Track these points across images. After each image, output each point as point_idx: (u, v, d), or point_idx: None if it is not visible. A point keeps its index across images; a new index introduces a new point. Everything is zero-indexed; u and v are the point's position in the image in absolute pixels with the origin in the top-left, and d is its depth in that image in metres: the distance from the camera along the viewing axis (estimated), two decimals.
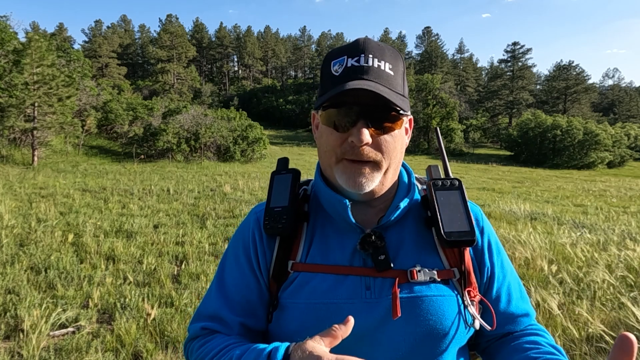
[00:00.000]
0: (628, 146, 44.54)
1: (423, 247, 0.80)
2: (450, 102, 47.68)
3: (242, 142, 28.08)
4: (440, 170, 0.86)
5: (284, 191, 0.84)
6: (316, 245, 0.81)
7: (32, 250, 5.25)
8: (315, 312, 0.75)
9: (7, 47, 19.88)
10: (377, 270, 0.76)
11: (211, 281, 0.92)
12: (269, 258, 0.83)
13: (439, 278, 0.76)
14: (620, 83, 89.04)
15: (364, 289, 0.75)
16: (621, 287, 3.43)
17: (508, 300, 0.83)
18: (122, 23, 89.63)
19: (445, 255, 0.79)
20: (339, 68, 0.75)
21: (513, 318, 0.83)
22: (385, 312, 0.73)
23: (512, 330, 0.83)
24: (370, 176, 0.75)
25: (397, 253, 0.78)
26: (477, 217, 0.86)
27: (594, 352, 2.59)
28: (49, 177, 15.21)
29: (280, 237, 0.82)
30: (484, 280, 0.82)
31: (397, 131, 0.76)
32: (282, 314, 0.78)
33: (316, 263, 0.79)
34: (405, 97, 0.77)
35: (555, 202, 13.20)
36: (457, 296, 0.77)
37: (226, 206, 9.41)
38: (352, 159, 0.74)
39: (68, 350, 2.91)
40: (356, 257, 0.78)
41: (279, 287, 0.80)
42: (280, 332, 0.79)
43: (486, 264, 0.83)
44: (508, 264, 0.87)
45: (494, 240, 0.87)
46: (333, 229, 0.82)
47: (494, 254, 0.84)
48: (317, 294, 0.76)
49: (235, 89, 77.65)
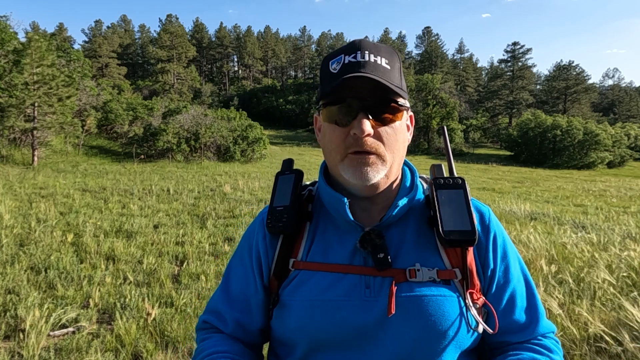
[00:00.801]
0: (628, 146, 44.54)
1: (424, 246, 0.79)
2: (450, 102, 47.68)
3: (242, 142, 28.08)
4: (445, 169, 0.85)
5: (286, 191, 0.86)
6: (317, 243, 0.82)
7: (32, 250, 5.25)
8: (313, 309, 0.76)
9: (7, 47, 19.87)
10: (377, 269, 0.76)
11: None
12: (271, 256, 0.85)
13: (439, 278, 0.76)
14: (620, 83, 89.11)
15: (363, 287, 0.76)
16: (621, 287, 3.43)
17: (508, 306, 0.80)
18: (122, 23, 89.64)
19: (446, 255, 0.78)
20: (337, 66, 0.77)
21: (512, 327, 0.80)
22: (384, 310, 0.73)
23: (510, 341, 0.81)
24: (375, 167, 0.76)
25: (398, 252, 0.78)
26: (483, 217, 0.85)
27: (594, 352, 2.59)
28: (49, 177, 15.21)
29: (283, 236, 0.84)
30: (487, 282, 0.81)
31: (397, 123, 0.77)
32: (282, 311, 0.80)
33: (316, 261, 0.80)
34: (403, 90, 0.77)
35: (555, 202, 13.20)
36: (458, 297, 0.76)
37: (226, 206, 9.41)
38: (356, 151, 0.75)
39: (68, 350, 2.91)
40: (357, 256, 0.78)
41: (280, 285, 0.82)
42: (281, 328, 0.81)
43: (490, 264, 0.81)
44: (517, 269, 0.84)
45: (502, 241, 0.84)
46: (334, 228, 0.83)
47: (498, 255, 0.82)
48: (315, 292, 0.77)
49: (235, 89, 77.64)
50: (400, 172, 0.85)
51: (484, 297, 0.78)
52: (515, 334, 0.81)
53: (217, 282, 4.37)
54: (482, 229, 0.83)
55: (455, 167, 0.87)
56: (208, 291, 4.06)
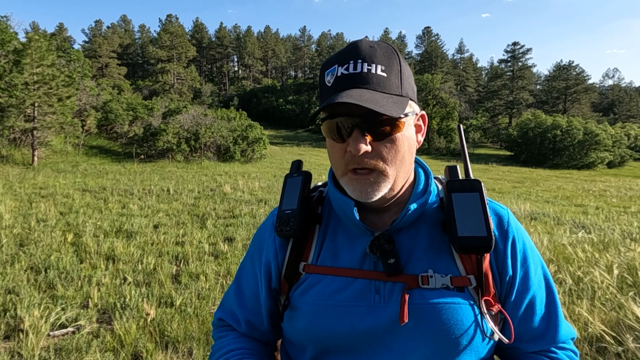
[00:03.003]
0: (628, 146, 44.55)
1: (437, 252, 0.76)
2: (450, 102, 47.71)
3: (242, 142, 28.08)
4: (460, 170, 0.81)
5: (293, 194, 0.85)
6: (327, 247, 0.81)
7: (32, 250, 5.25)
8: (322, 313, 0.75)
9: (7, 47, 19.86)
10: (387, 274, 0.74)
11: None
12: (281, 259, 0.84)
13: (452, 285, 0.73)
14: (620, 83, 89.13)
15: (373, 293, 0.74)
16: (621, 287, 3.43)
17: (526, 314, 0.78)
18: (122, 23, 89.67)
19: (461, 261, 0.75)
20: (330, 78, 0.74)
21: (527, 336, 0.78)
22: (394, 317, 0.72)
23: (524, 350, 0.79)
24: (376, 184, 0.73)
25: (409, 257, 0.76)
26: (501, 220, 0.80)
27: (594, 352, 2.59)
28: (49, 177, 15.20)
29: (293, 239, 0.83)
30: (504, 289, 0.77)
31: (399, 134, 0.72)
32: (292, 313, 0.80)
33: (326, 265, 0.79)
34: (403, 95, 0.73)
35: (555, 202, 13.20)
36: (473, 305, 0.73)
37: (226, 206, 9.40)
38: (355, 169, 0.73)
39: (68, 350, 2.91)
40: (367, 261, 0.77)
41: (291, 287, 0.81)
42: (290, 330, 0.82)
43: (508, 271, 0.77)
44: (538, 275, 0.80)
45: (522, 247, 0.79)
46: (344, 231, 0.81)
47: (518, 261, 0.78)
48: (324, 296, 0.76)
49: (235, 89, 77.67)
50: (411, 175, 0.82)
51: (499, 305, 0.75)
52: (529, 343, 0.79)
53: (217, 282, 4.38)
54: (499, 233, 0.79)
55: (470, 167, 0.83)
56: (208, 291, 4.06)
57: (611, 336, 2.60)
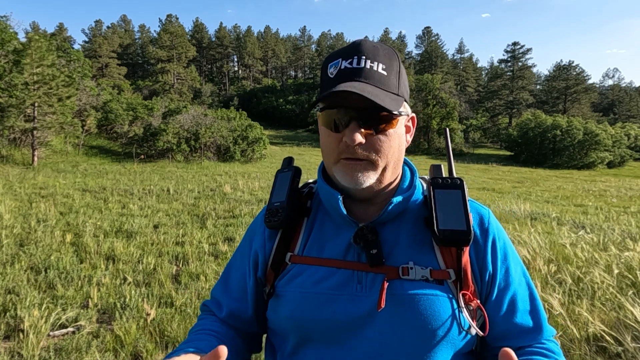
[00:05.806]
0: (628, 146, 44.52)
1: (419, 245, 0.79)
2: (450, 102, 47.67)
3: (242, 142, 28.06)
4: (444, 169, 0.85)
5: (283, 187, 0.89)
6: (314, 238, 0.84)
7: (32, 250, 5.25)
8: (305, 300, 0.78)
9: (7, 47, 19.85)
10: (370, 265, 0.77)
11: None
12: (268, 249, 0.87)
13: (432, 277, 0.76)
14: (620, 83, 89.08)
15: (355, 283, 0.77)
16: (621, 287, 3.43)
17: (510, 310, 0.80)
18: (122, 23, 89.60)
19: (442, 256, 0.78)
20: (334, 70, 0.78)
21: (515, 331, 0.80)
22: (373, 306, 0.74)
23: (514, 345, 0.80)
24: (366, 172, 0.77)
25: (392, 250, 0.79)
26: (482, 219, 0.83)
27: (594, 352, 2.59)
28: (49, 177, 15.20)
29: (281, 230, 0.86)
30: (485, 285, 0.80)
31: (392, 130, 0.77)
32: (276, 301, 0.83)
33: (311, 256, 0.82)
34: (399, 95, 0.78)
35: (555, 202, 13.20)
36: (451, 298, 0.75)
37: (226, 206, 9.41)
38: (348, 157, 0.77)
39: (68, 350, 2.91)
40: (350, 252, 0.80)
41: (276, 277, 0.85)
42: (274, 318, 0.85)
43: (488, 268, 0.80)
44: (518, 273, 0.83)
45: (502, 244, 0.83)
46: (331, 224, 0.85)
47: (499, 258, 0.81)
48: (308, 284, 0.79)
49: (235, 89, 77.62)
50: (398, 173, 0.86)
51: (478, 300, 0.77)
52: (518, 338, 0.80)
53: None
54: (480, 231, 0.82)
55: (455, 167, 0.87)
56: (208, 291, 4.06)
57: (611, 336, 2.60)
